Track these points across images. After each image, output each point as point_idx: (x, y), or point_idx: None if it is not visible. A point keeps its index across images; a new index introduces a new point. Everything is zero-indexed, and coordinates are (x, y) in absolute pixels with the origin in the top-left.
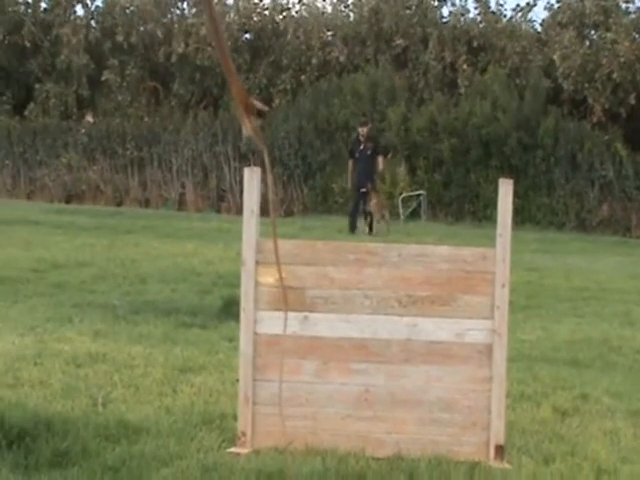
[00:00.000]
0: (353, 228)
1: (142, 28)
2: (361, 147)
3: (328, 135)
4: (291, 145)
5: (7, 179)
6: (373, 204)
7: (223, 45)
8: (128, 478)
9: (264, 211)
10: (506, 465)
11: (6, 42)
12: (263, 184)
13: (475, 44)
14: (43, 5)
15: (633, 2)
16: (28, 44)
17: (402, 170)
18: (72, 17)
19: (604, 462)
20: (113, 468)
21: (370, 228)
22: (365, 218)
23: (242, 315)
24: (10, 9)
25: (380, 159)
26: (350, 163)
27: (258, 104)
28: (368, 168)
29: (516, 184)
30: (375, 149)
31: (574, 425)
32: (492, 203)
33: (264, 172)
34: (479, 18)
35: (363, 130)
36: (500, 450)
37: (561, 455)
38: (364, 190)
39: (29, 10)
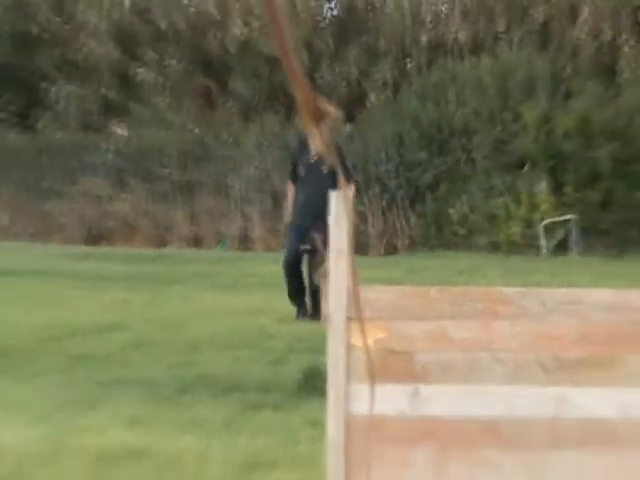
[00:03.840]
0: (301, 308)
1: (190, 7)
2: (310, 157)
3: (440, 143)
4: (390, 159)
5: (11, 216)
6: (322, 272)
7: (280, 26)
8: None
9: (360, 248)
10: None
11: (9, 29)
12: (354, 212)
13: None
14: None
15: None
16: (37, 31)
17: (544, 188)
18: None
19: None
20: None
21: (315, 309)
22: (309, 291)
23: (330, 391)
24: None
25: (346, 183)
26: (289, 188)
27: (329, 107)
28: (320, 198)
29: None
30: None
31: None
32: None
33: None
34: None
35: None
36: None
37: None
38: (305, 247)
39: None
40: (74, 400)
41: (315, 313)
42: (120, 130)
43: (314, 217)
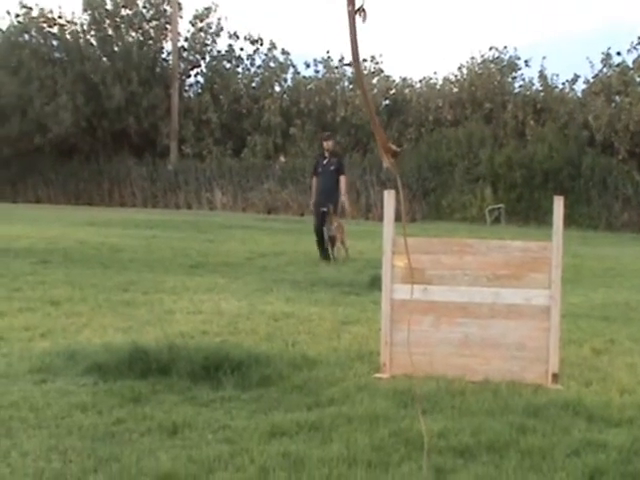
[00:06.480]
0: (325, 254)
1: (317, 99)
2: (324, 162)
3: (438, 169)
4: (414, 175)
5: (229, 199)
6: (335, 227)
7: (371, 109)
8: (308, 394)
9: (397, 218)
10: (559, 387)
11: (229, 109)
12: (396, 201)
13: (538, 107)
14: (253, 84)
15: None
16: (244, 110)
17: (488, 191)
18: (271, 92)
19: (626, 385)
20: (298, 387)
21: (331, 249)
22: (328, 242)
23: (383, 287)
24: (232, 88)
25: (343, 179)
26: (313, 181)
27: (394, 147)
28: (331, 185)
29: (565, 200)
30: (339, 166)
31: (605, 360)
32: (549, 213)
33: (397, 192)
34: (540, 89)
35: (327, 144)
36: (555, 377)
37: (596, 380)
38: (324, 210)
39: (244, 87)
40: (260, 288)
41: (330, 253)
42: (282, 158)
43: (327, 195)
